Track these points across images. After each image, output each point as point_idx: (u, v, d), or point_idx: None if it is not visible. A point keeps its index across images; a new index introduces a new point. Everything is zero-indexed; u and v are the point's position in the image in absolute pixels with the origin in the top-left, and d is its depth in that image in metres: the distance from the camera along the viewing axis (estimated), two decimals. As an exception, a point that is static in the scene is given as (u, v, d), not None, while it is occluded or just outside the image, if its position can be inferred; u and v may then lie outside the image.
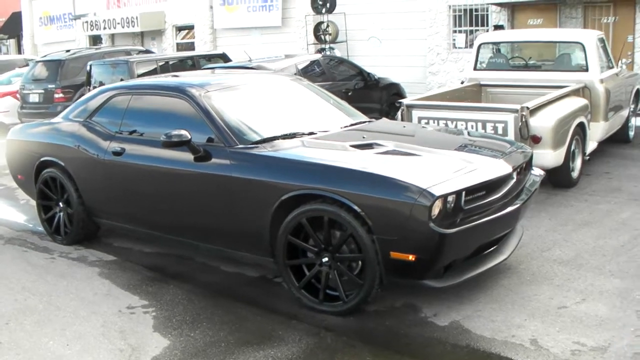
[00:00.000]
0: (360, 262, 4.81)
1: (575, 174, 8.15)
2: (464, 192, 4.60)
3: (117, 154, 5.96)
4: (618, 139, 10.24)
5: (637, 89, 10.79)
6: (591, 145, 8.74)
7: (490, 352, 4.30)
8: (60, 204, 6.71)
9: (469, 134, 6.05)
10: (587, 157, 8.56)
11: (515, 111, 7.36)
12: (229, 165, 5.19)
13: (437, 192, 4.40)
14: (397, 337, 4.56)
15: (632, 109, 10.56)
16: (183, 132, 5.24)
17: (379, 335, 4.61)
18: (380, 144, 5.26)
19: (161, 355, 4.39)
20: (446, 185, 4.51)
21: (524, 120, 7.32)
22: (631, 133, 10.73)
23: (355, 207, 4.57)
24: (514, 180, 5.15)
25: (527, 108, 7.34)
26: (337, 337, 4.57)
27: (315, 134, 5.57)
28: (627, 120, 10.40)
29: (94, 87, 11.71)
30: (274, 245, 5.05)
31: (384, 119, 7.11)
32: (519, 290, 5.18)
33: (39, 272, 6.00)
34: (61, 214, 6.74)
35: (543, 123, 7.43)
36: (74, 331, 4.79)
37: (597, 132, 8.90)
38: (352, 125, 6.02)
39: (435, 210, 4.40)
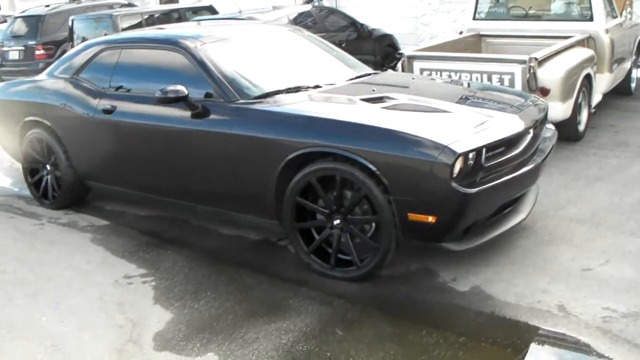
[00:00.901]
0: (373, 225, 4.51)
1: (581, 127, 7.87)
2: (484, 149, 4.28)
3: (107, 111, 5.58)
4: (620, 91, 9.93)
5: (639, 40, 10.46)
6: (596, 98, 8.45)
7: (517, 319, 4.03)
8: (48, 166, 6.33)
9: (482, 87, 5.69)
10: (593, 110, 8.28)
11: (523, 62, 7.03)
12: (230, 122, 4.83)
13: (459, 148, 4.08)
14: (416, 304, 4.28)
15: (634, 61, 10.25)
16: (180, 87, 4.87)
17: (396, 303, 4.32)
18: (392, 97, 4.92)
19: (165, 330, 4.08)
20: (468, 141, 4.19)
21: (532, 71, 6.99)
22: (633, 85, 10.44)
23: (370, 166, 4.25)
24: (531, 135, 4.83)
25: (536, 59, 7.01)
26: (352, 305, 4.28)
27: (321, 87, 5.22)
28: (629, 72, 10.09)
29: (77, 43, 11.23)
30: (280, 207, 4.74)
31: (390, 71, 6.79)
32: (538, 251, 4.92)
33: (28, 240, 5.66)
34: (49, 177, 6.37)
35: (552, 75, 7.11)
36: (69, 305, 4.46)
37: (602, 84, 8.59)
38: (357, 77, 5.66)
39: (457, 169, 4.09)
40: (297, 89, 5.11)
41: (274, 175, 4.63)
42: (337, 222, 4.53)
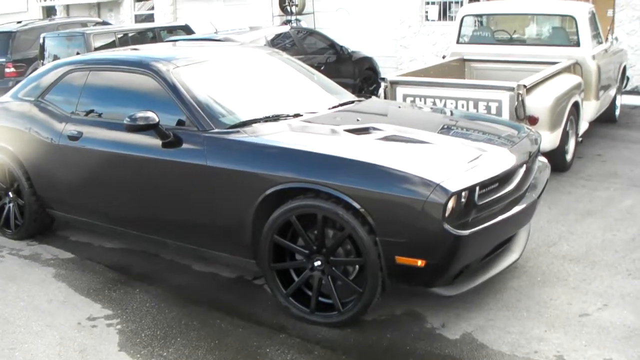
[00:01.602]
0: (357, 267, 4.19)
1: (569, 157, 7.64)
2: (477, 187, 3.98)
3: (73, 138, 5.21)
4: (604, 118, 9.73)
5: (624, 66, 10.29)
6: (583, 126, 8.22)
7: (514, 373, 3.71)
8: (10, 194, 5.94)
9: (473, 117, 5.39)
10: (580, 139, 8.04)
11: (511, 89, 6.77)
12: (203, 153, 4.49)
13: (452, 187, 3.77)
14: (404, 355, 3.94)
15: (618, 87, 10.06)
16: (150, 113, 4.52)
17: (382, 351, 3.98)
18: (378, 128, 4.61)
19: (130, 383, 3.71)
20: (461, 178, 3.89)
21: (520, 99, 6.73)
22: (617, 112, 10.25)
23: (355, 204, 3.93)
24: (524, 170, 4.54)
25: (524, 86, 6.75)
26: (335, 355, 3.93)
27: (302, 116, 4.90)
28: (614, 99, 9.89)
29: (49, 62, 10.84)
30: (256, 246, 4.40)
31: (374, 98, 6.43)
32: (532, 294, 4.62)
33: (-15, 274, 5.26)
34: (11, 204, 5.98)
35: (540, 102, 6.86)
36: (25, 351, 4.07)
37: (589, 111, 8.38)
38: (340, 105, 5.35)
39: (449, 209, 3.78)
40: (276, 118, 4.79)
41: (251, 212, 4.29)
42: (318, 263, 4.20)
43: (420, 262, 3.85)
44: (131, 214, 5.05)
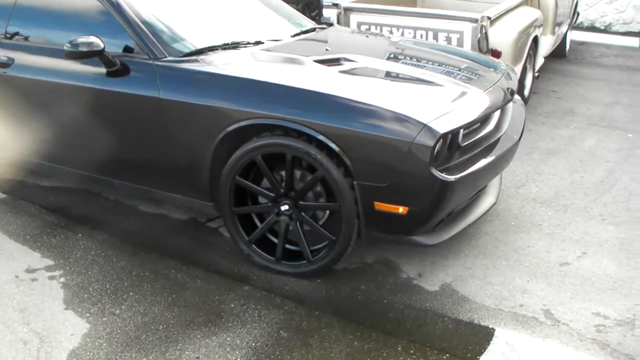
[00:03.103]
0: (327, 212, 3.82)
1: (526, 92, 7.36)
2: (462, 128, 3.62)
3: (3, 65, 4.59)
4: (555, 53, 9.49)
5: (576, 1, 10.03)
6: (539, 61, 7.95)
7: (502, 329, 3.43)
8: None
9: (451, 51, 4.96)
10: (537, 74, 7.78)
11: (475, 20, 6.39)
12: (154, 83, 3.97)
13: (441, 128, 3.40)
14: (382, 310, 3.61)
15: (569, 23, 9.81)
16: (93, 39, 3.96)
17: (358, 306, 3.65)
18: (350, 59, 4.18)
19: (81, 348, 3.25)
20: (448, 119, 3.51)
21: (484, 31, 6.37)
22: (567, 48, 10.04)
23: (331, 144, 3.52)
24: (503, 109, 4.22)
25: (489, 18, 6.38)
26: (307, 311, 3.58)
27: (263, 43, 4.41)
28: (565, 34, 9.65)
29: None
30: (214, 188, 3.96)
31: (336, 26, 5.95)
32: (507, 240, 4.36)
33: None
34: None
35: (504, 36, 6.51)
36: (-48, 313, 3.58)
37: (545, 46, 8.09)
38: (303, 33, 4.87)
39: (436, 151, 3.41)
40: (235, 45, 4.30)
41: (209, 150, 3.84)
42: (285, 208, 3.80)
43: (401, 209, 3.50)
44: (72, 151, 4.51)
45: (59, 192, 5.06)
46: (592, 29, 11.92)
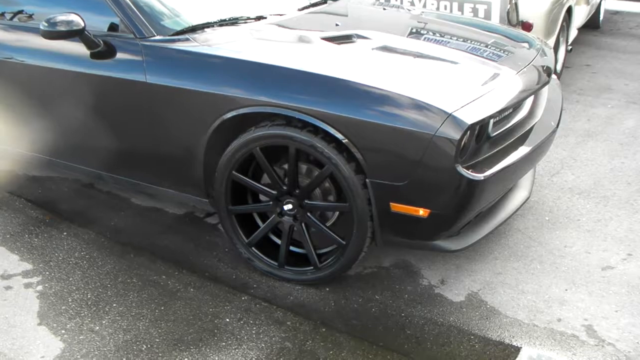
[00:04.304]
0: (336, 212, 3.35)
1: (559, 67, 6.82)
2: (493, 117, 3.12)
3: (-23, 44, 4.13)
4: (587, 24, 8.89)
5: (611, -34, 9.41)
6: (573, 33, 7.38)
7: (537, 350, 2.95)
8: None
9: (480, 26, 4.40)
10: (570, 48, 7.21)
11: (504, -10, 5.85)
12: (142, 65, 3.50)
13: (469, 118, 2.90)
14: (399, 325, 3.15)
15: (603, -10, 9.21)
16: (73, 17, 3.47)
17: (371, 321, 3.18)
18: (364, 36, 3.67)
19: (50, 372, 2.83)
20: (477, 106, 3.01)
21: (513, 2, 5.83)
22: (601, 18, 9.42)
23: (339, 136, 3.03)
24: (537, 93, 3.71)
25: (519, -13, 5.83)
26: (312, 327, 3.12)
27: (266, 18, 3.91)
28: (599, 3, 9.04)
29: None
30: (209, 183, 3.50)
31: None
32: (542, 239, 3.86)
33: None
34: None
35: (535, 7, 5.98)
36: None
37: (579, 17, 7.51)
38: (312, 5, 4.36)
39: (462, 145, 2.92)
40: (234, 21, 3.80)
41: (202, 141, 3.37)
42: (288, 207, 3.33)
43: (422, 212, 3.01)
44: (54, 141, 4.06)
45: (46, 182, 4.61)
46: (626, -4, 11.28)
